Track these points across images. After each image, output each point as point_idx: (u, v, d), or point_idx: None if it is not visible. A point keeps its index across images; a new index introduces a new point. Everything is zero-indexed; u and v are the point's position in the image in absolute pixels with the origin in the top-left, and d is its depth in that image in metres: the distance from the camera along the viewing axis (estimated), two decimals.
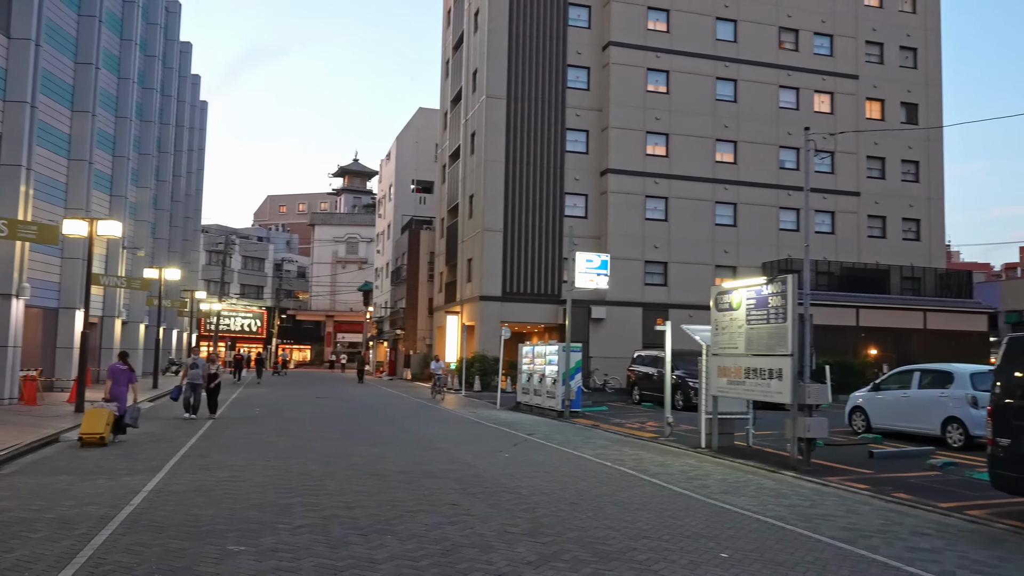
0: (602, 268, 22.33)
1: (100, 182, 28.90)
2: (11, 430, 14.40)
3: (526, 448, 14.34)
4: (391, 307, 57.21)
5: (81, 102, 25.20)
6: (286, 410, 21.67)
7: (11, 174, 19.22)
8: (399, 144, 58.67)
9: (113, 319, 30.44)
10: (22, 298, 19.46)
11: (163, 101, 40.77)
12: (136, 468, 10.93)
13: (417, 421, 19.44)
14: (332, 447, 13.61)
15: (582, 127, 38.42)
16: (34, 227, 15.80)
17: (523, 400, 24.64)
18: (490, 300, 36.52)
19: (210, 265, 69.50)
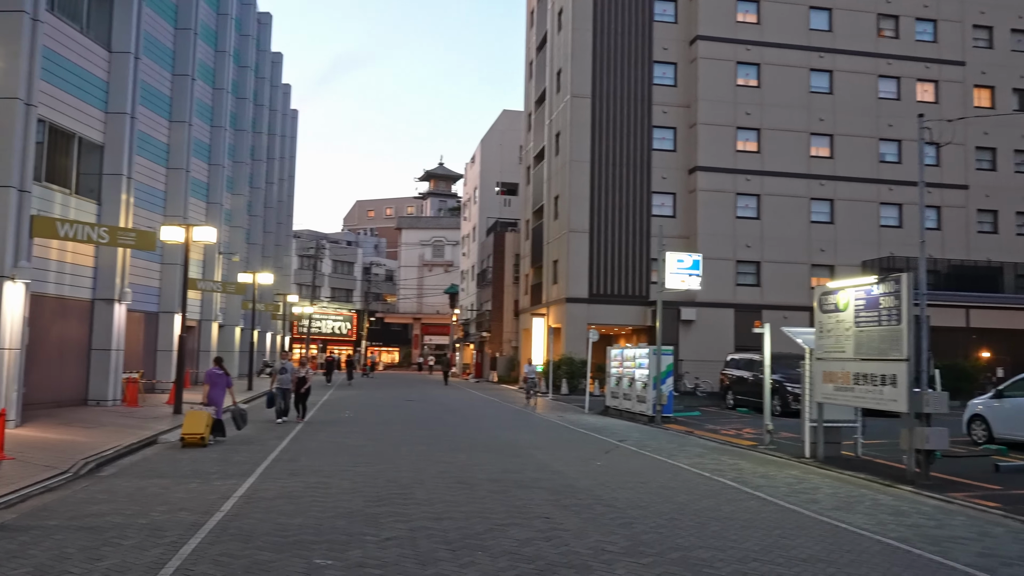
0: (694, 268, 21.56)
1: (197, 190, 29.80)
2: (113, 432, 14.80)
3: (618, 456, 13.83)
4: (477, 309, 57.35)
5: (178, 112, 26.01)
6: (375, 413, 21.74)
7: (113, 183, 19.88)
8: (483, 147, 58.81)
9: (210, 323, 31.34)
10: (124, 303, 20.11)
11: (256, 110, 41.92)
12: (228, 472, 10.96)
13: (504, 425, 19.15)
14: (420, 452, 13.43)
15: (669, 124, 37.51)
16: (133, 234, 16.25)
17: (612, 404, 24.07)
18: (576, 302, 36.02)
19: (302, 269, 71.24)
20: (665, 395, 20.94)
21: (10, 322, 13.94)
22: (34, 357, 17.65)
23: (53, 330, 18.36)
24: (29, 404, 17.31)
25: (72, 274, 18.91)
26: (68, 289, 18.76)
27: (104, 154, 19.92)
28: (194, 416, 13.93)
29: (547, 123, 41.82)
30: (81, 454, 11.94)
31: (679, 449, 15.07)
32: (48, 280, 17.99)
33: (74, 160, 18.87)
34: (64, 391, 18.80)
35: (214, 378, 15.10)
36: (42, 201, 17.43)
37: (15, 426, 14.13)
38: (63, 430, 14.57)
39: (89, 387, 19.59)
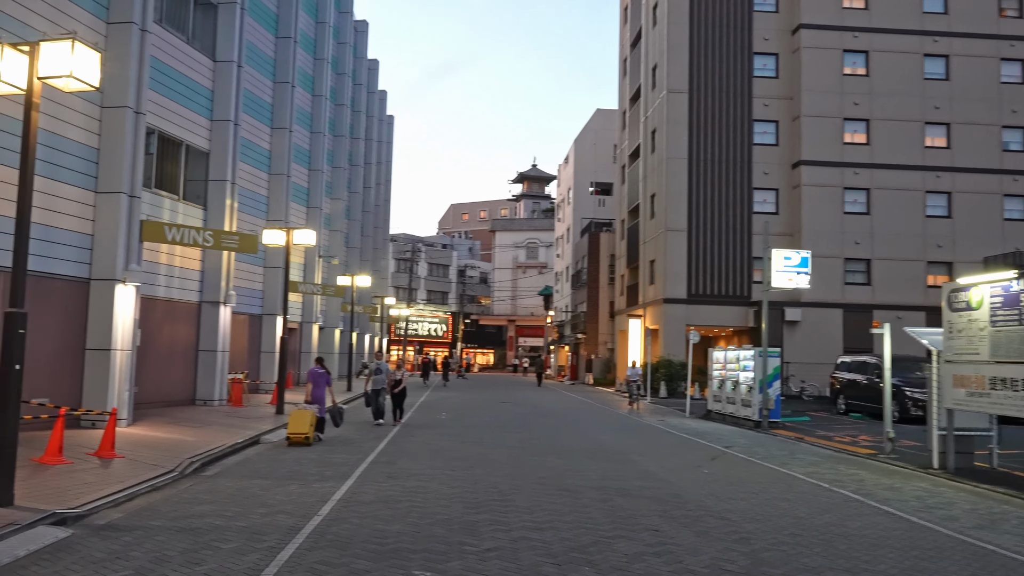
0: (802, 266, 20.47)
1: (297, 194, 30.48)
2: (218, 432, 15.08)
3: (726, 463, 13.12)
4: (572, 311, 56.86)
5: (280, 119, 26.62)
6: (470, 415, 21.58)
7: (218, 189, 20.42)
8: (577, 147, 58.28)
9: (311, 324, 32.00)
10: (229, 305, 20.61)
11: (353, 116, 42.73)
12: (327, 474, 10.89)
13: (604, 429, 18.62)
14: (518, 456, 13.08)
15: (771, 117, 36.08)
16: (236, 237, 16.60)
17: (714, 408, 23.18)
18: (674, 303, 35.07)
19: (399, 272, 72.40)
20: (772, 399, 19.96)
21: (121, 324, 14.38)
22: (146, 358, 18.26)
23: (163, 332, 18.97)
24: (141, 403, 17.91)
25: (180, 277, 19.50)
26: (177, 292, 19.36)
27: (210, 161, 20.49)
28: (299, 415, 14.22)
29: (642, 120, 40.97)
30: (187, 453, 12.14)
31: (790, 457, 14.22)
32: (158, 284, 18.60)
33: (182, 167, 19.47)
34: (174, 391, 19.40)
35: (316, 377, 15.56)
36: (152, 207, 18.03)
37: (127, 425, 14.57)
38: (171, 429, 14.94)
39: (197, 387, 20.17)
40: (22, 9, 12.79)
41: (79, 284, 14.23)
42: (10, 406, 7.75)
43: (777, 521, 8.38)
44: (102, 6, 14.89)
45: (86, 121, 14.34)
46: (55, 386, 13.67)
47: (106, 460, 11.09)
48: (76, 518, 7.83)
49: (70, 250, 13.98)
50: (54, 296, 13.68)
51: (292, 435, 14.03)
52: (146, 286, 18.11)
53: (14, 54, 7.91)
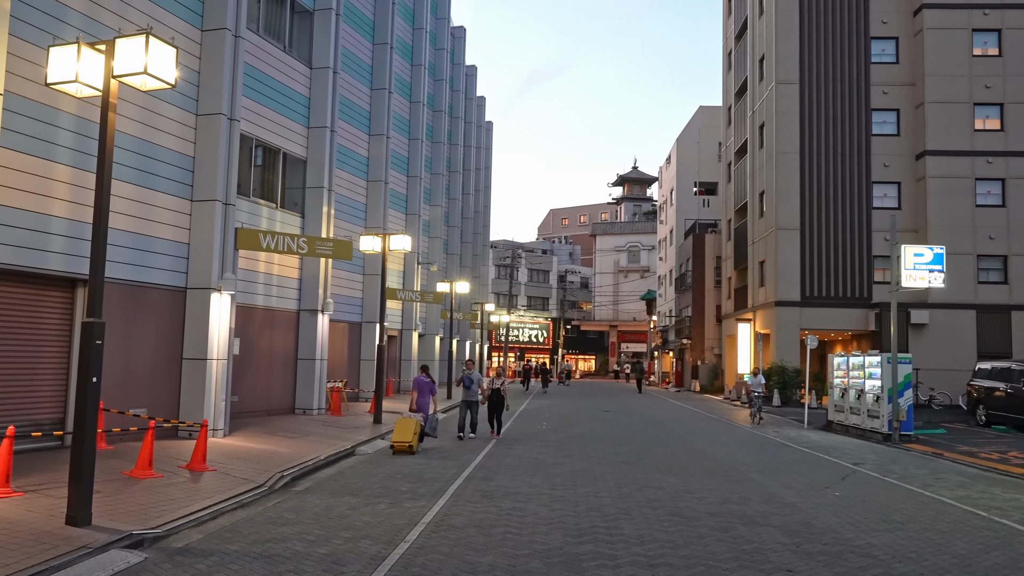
0: (935, 263, 18.58)
1: (396, 201, 30.37)
2: (313, 443, 14.73)
3: (858, 484, 11.73)
4: (676, 315, 55.06)
5: (377, 126, 26.50)
6: (572, 425, 20.66)
7: (315, 196, 20.31)
8: (679, 146, 56.50)
9: (411, 332, 31.83)
10: (327, 313, 20.45)
11: (451, 123, 42.61)
12: (419, 491, 10.23)
13: (715, 442, 17.35)
14: (623, 473, 12.09)
15: (891, 106, 33.64)
16: (330, 243, 16.30)
17: (836, 419, 21.44)
18: (787, 305, 33.10)
19: (499, 279, 72.23)
20: (904, 410, 18.18)
21: (217, 333, 14.22)
22: (245, 367, 18.25)
23: (262, 341, 18.93)
24: (241, 412, 17.88)
25: (279, 286, 19.45)
26: (275, 301, 19.30)
27: (307, 168, 20.42)
28: (403, 424, 14.24)
29: (749, 115, 39.08)
30: (279, 467, 11.75)
31: (932, 477, 12.65)
32: (257, 292, 18.57)
33: (279, 175, 19.43)
34: (273, 400, 19.34)
35: (421, 385, 15.78)
36: (250, 216, 18.01)
37: (223, 435, 14.40)
38: (267, 439, 14.69)
39: (296, 396, 20.06)
40: (115, 17, 12.77)
41: (176, 293, 14.16)
42: (87, 421, 7.40)
43: (934, 561, 7.11)
44: (196, 14, 14.85)
45: (181, 129, 14.29)
46: (153, 396, 13.60)
47: (196, 473, 10.79)
48: (154, 539, 7.39)
49: (166, 259, 13.92)
50: (151, 306, 13.63)
51: (396, 443, 13.98)
52: (245, 295, 18.10)
53: (91, 53, 7.58)
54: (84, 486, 7.34)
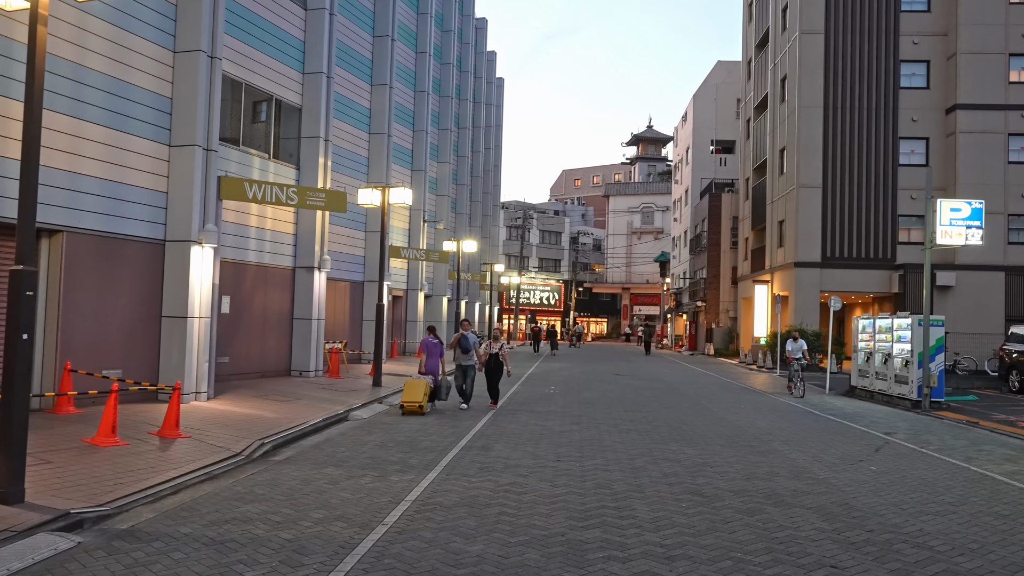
0: (973, 219, 17.28)
1: (400, 156, 29.18)
2: (305, 406, 13.80)
3: (893, 456, 10.66)
4: (690, 277, 53.80)
5: (379, 75, 25.22)
6: (582, 389, 19.67)
7: (311, 147, 19.17)
8: (696, 103, 54.70)
9: (416, 292, 30.82)
10: (324, 271, 19.43)
11: (460, 77, 41.14)
12: (410, 462, 9.26)
13: (733, 408, 16.31)
14: (636, 443, 11.07)
15: (921, 57, 31.95)
16: (323, 194, 15.17)
17: (860, 384, 20.35)
18: (807, 267, 31.83)
19: (510, 240, 71.01)
20: (935, 375, 17.05)
21: (199, 289, 13.23)
22: (237, 327, 17.30)
23: (255, 299, 17.96)
24: (232, 374, 16.98)
25: (272, 241, 18.42)
26: (269, 257, 18.29)
27: (302, 117, 19.25)
28: (413, 384, 14.15)
29: (770, 68, 37.40)
30: (261, 433, 10.82)
31: (973, 448, 11.57)
32: (248, 248, 17.56)
33: (272, 123, 18.29)
34: (267, 361, 18.43)
35: (430, 347, 15.10)
36: (241, 167, 16.92)
37: (207, 399, 13.48)
38: (254, 403, 13.77)
39: (292, 358, 19.14)
40: None
41: (154, 246, 13.13)
42: (17, 385, 6.40)
43: (1002, 553, 6.05)
44: None
45: (157, 67, 13.13)
46: (129, 357, 12.66)
47: (167, 441, 9.85)
48: (96, 519, 6.43)
49: (143, 209, 12.87)
50: (127, 260, 12.62)
51: (406, 403, 13.86)
52: (235, 250, 17.10)
53: None
54: (13, 458, 6.38)
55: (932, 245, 17.63)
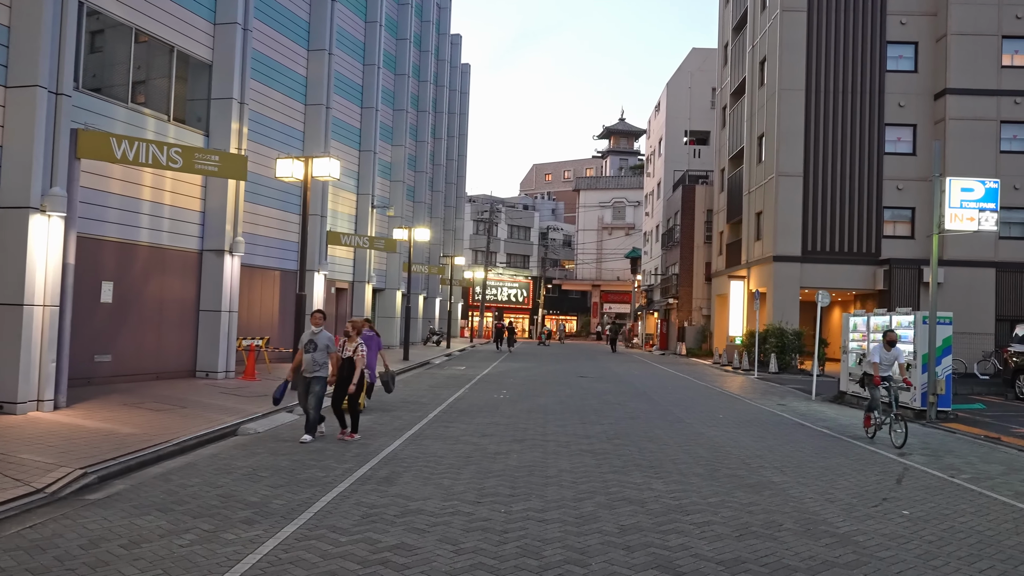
0: (987, 200, 14.95)
1: (345, 134, 26.44)
2: (185, 418, 11.07)
3: (922, 490, 8.21)
4: (661, 274, 51.51)
5: (317, 39, 22.48)
6: (537, 394, 17.11)
7: (222, 109, 16.41)
8: (669, 91, 52.39)
9: (364, 284, 28.10)
10: (237, 255, 16.68)
11: (420, 56, 38.43)
12: (270, 506, 6.63)
13: (711, 419, 13.84)
14: (589, 472, 8.52)
15: (908, 39, 29.86)
16: (215, 157, 12.42)
17: (850, 390, 18.00)
18: (787, 261, 29.59)
19: (477, 235, 68.40)
20: (942, 381, 14.74)
21: (42, 270, 10.45)
22: (123, 319, 14.51)
23: (149, 286, 15.16)
24: (116, 376, 14.18)
25: (173, 219, 15.63)
26: (168, 237, 15.49)
27: (212, 74, 16.47)
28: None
29: (748, 50, 35.14)
30: (96, 458, 8.13)
31: (1014, 476, 9.17)
32: (140, 225, 14.77)
33: (172, 79, 15.49)
34: (166, 360, 15.63)
35: (367, 341, 13.17)
36: (129, 127, 14.13)
37: (53, 408, 10.69)
38: (120, 414, 11.02)
39: (197, 356, 16.37)
40: None
41: None
42: None
43: None
44: None
45: None
46: None
47: None
48: None
49: None
50: None
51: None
52: (124, 227, 14.32)
53: None
54: None
55: (940, 230, 15.28)
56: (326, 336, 10.34)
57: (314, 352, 10.17)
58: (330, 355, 10.32)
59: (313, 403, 10.14)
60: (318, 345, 10.20)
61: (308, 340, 10.28)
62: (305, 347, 10.24)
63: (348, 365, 10.34)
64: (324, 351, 10.24)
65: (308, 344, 10.24)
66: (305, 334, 10.40)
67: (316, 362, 10.17)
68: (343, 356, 10.41)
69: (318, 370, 10.18)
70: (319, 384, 10.16)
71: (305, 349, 10.22)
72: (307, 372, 10.19)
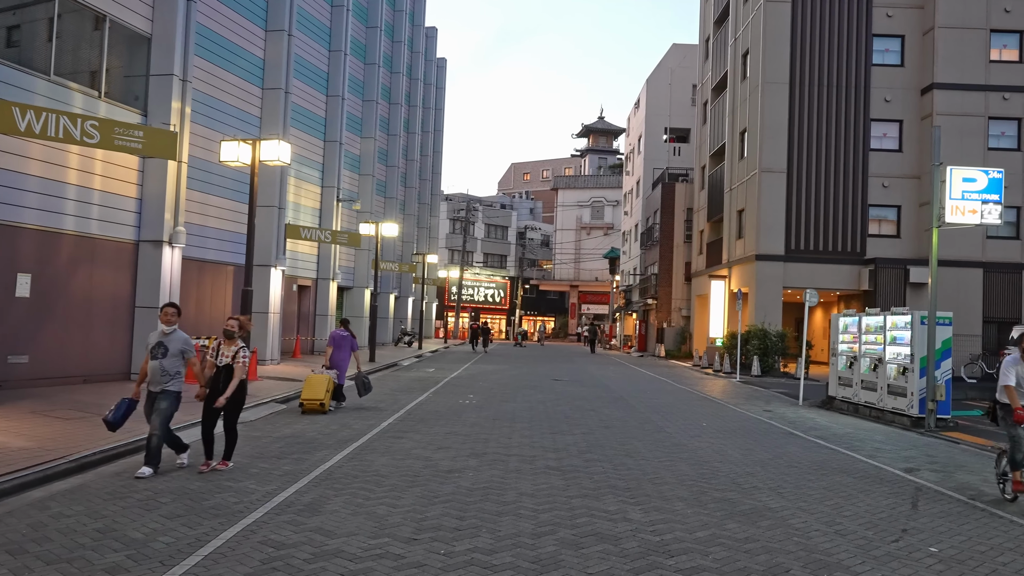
0: (991, 191, 13.88)
1: (307, 122, 25.04)
2: (86, 430, 9.63)
3: (944, 518, 7.00)
4: (640, 274, 50.42)
5: (276, 20, 21.09)
6: (506, 399, 15.83)
7: (162, 87, 14.99)
8: (649, 88, 51.35)
9: (328, 281, 26.69)
10: (177, 246, 15.25)
11: (392, 47, 37.07)
12: (151, 549, 5.30)
13: (694, 428, 12.63)
14: (554, 497, 7.23)
15: (895, 31, 28.96)
16: (138, 132, 11.00)
17: (841, 395, 16.90)
18: (770, 260, 28.54)
19: (453, 234, 67.00)
20: (943, 386, 13.64)
21: None
22: (43, 315, 13.04)
23: (76, 280, 13.71)
24: (36, 379, 12.72)
25: (104, 205, 14.19)
26: (98, 225, 14.06)
27: (151, 48, 15.05)
28: (315, 380, 12.81)
29: (731, 43, 34.11)
30: None
31: None
32: (65, 211, 13.32)
33: (103, 51, 14.05)
34: (95, 361, 14.17)
35: (339, 340, 13.84)
36: (52, 102, 12.68)
37: None
38: (21, 423, 9.60)
39: (133, 357, 14.92)
40: None
41: None
42: None
43: None
44: None
45: None
46: None
47: None
48: None
49: None
50: None
51: (306, 402, 12.60)
52: (44, 214, 12.87)
53: None
54: None
55: (941, 223, 14.18)
56: (180, 338, 7.94)
57: (163, 359, 7.78)
58: (188, 362, 7.98)
59: (158, 423, 7.72)
60: (169, 349, 7.81)
61: (156, 343, 7.85)
62: (152, 352, 7.84)
63: (225, 375, 8.12)
64: (178, 357, 7.88)
65: (156, 348, 7.82)
66: (153, 335, 7.98)
67: (166, 372, 7.78)
68: (218, 363, 8.15)
69: (168, 382, 7.78)
70: (167, 400, 7.76)
71: (152, 355, 7.84)
72: (153, 385, 7.81)
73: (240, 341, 8.34)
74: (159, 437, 7.77)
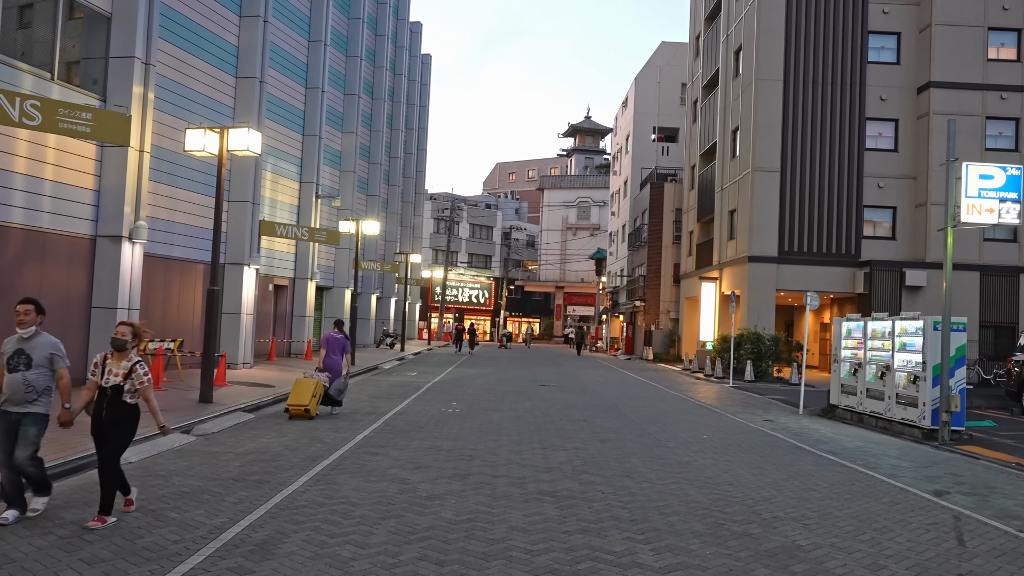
0: (1010, 189, 13.05)
1: (285, 114, 23.96)
2: None
3: (1002, 558, 6.11)
4: (628, 275, 49.57)
5: (250, 6, 20.02)
6: (491, 408, 14.85)
7: (122, 71, 13.91)
8: (638, 86, 50.53)
9: (306, 281, 25.60)
10: (138, 242, 14.17)
11: (375, 40, 36.01)
12: None
13: (696, 442, 11.71)
14: (549, 535, 6.25)
15: (891, 29, 28.30)
16: (87, 115, 9.92)
17: (844, 404, 16.04)
18: (762, 261, 27.76)
19: (438, 233, 65.92)
20: (957, 397, 12.79)
21: None
22: None
23: (25, 277, 12.60)
24: None
25: (56, 197, 13.09)
26: (49, 219, 12.95)
27: (111, 28, 13.96)
28: (302, 385, 12.37)
29: (723, 39, 33.31)
30: None
31: None
32: (12, 203, 12.20)
33: (57, 30, 12.95)
34: None
35: (332, 342, 13.42)
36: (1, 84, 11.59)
37: None
38: None
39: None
40: None
41: None
42: None
43: None
44: None
45: None
46: None
47: None
48: None
49: None
50: None
51: (292, 407, 12.16)
52: None
53: None
54: None
55: (956, 223, 13.31)
56: (47, 342, 6.13)
57: (26, 370, 5.95)
58: (57, 374, 6.13)
59: (26, 455, 5.97)
60: (33, 359, 5.98)
61: (14, 350, 6.00)
62: (9, 363, 5.98)
63: (112, 399, 6.09)
64: (45, 369, 6.05)
65: (15, 357, 5.97)
66: (9, 341, 6.08)
67: (32, 387, 5.95)
68: (104, 384, 6.12)
69: (33, 401, 5.98)
70: (32, 424, 5.99)
71: (9, 366, 5.97)
72: (13, 404, 5.95)
73: (135, 355, 6.25)
74: (32, 469, 6.05)
